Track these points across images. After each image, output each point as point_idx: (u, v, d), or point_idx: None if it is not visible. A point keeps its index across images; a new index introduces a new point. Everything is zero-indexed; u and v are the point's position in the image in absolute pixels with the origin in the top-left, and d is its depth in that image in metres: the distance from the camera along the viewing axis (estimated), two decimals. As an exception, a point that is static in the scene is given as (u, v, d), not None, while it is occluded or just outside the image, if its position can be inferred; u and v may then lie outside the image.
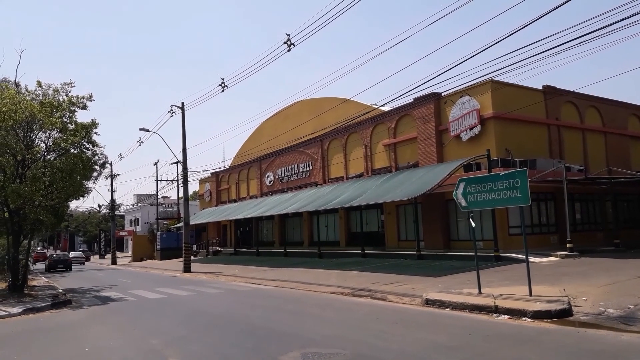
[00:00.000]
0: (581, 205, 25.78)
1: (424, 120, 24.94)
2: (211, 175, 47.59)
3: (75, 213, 79.71)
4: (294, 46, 19.96)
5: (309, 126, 31.18)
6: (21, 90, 19.61)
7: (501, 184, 11.51)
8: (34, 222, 18.98)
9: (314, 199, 28.30)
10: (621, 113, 28.00)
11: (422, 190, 20.34)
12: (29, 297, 17.19)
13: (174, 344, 8.69)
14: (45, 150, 18.71)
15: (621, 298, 10.38)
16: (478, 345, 7.53)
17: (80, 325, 11.75)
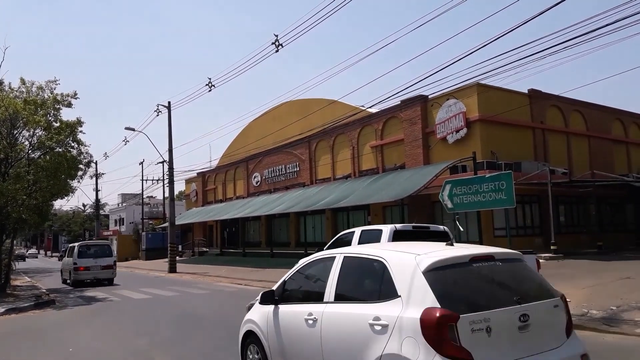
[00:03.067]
0: (565, 208, 26.06)
1: (411, 123, 25.06)
2: (197, 176, 47.33)
3: (60, 212, 78.79)
4: (282, 47, 19.95)
5: (297, 127, 31.14)
6: (4, 87, 19.40)
7: (487, 186, 11.64)
8: (17, 221, 18.75)
9: (301, 200, 28.28)
10: (605, 117, 28.38)
11: (408, 192, 20.42)
12: (11, 297, 16.96)
13: (160, 345, 8.63)
14: (29, 148, 18.50)
15: (604, 299, 10.51)
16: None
17: (64, 325, 11.62)
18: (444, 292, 3.82)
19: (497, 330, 3.73)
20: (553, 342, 4.08)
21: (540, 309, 4.08)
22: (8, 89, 19.26)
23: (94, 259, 22.76)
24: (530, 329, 3.91)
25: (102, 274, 22.83)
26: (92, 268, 22.58)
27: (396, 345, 3.81)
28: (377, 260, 4.48)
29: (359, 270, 4.82)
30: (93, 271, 22.68)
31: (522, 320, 3.85)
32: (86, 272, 22.55)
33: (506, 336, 3.81)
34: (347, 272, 4.84)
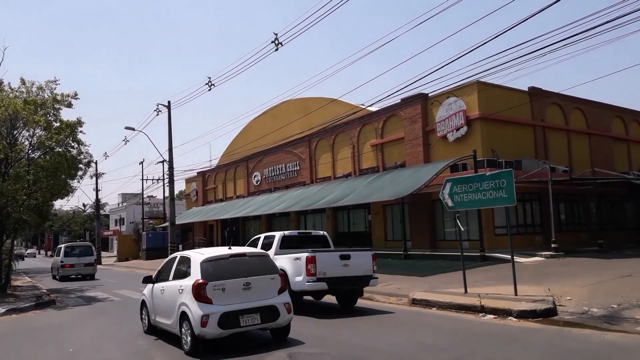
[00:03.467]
0: (566, 206, 26.04)
1: (411, 121, 25.03)
2: (197, 175, 47.30)
3: (60, 212, 78.81)
4: (281, 45, 19.91)
5: (297, 126, 31.12)
6: (4, 87, 19.36)
7: (487, 184, 11.59)
8: (18, 221, 18.72)
9: (302, 199, 28.26)
10: (605, 115, 28.35)
11: (409, 191, 20.40)
12: (12, 298, 16.95)
13: (160, 345, 8.63)
14: (29, 148, 18.48)
15: (605, 298, 10.51)
16: (464, 345, 7.57)
17: (65, 325, 11.62)
18: (206, 272, 7.81)
19: (228, 289, 7.72)
20: (269, 295, 8.02)
21: (260, 279, 8.04)
22: (8, 89, 19.23)
23: (78, 258, 26.34)
24: (252, 289, 7.86)
25: (85, 270, 26.34)
26: (76, 265, 26.16)
27: (185, 297, 7.87)
28: (189, 257, 8.54)
29: (183, 263, 8.69)
30: (77, 268, 26.23)
31: (245, 285, 7.84)
32: (71, 268, 26.14)
33: (234, 292, 7.74)
34: (179, 263, 8.90)
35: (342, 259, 11.31)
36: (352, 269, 11.36)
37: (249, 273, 8.00)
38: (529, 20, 12.37)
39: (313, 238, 14.05)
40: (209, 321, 7.45)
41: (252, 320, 7.75)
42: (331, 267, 11.09)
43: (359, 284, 11.67)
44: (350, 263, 11.34)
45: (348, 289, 11.83)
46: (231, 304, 7.65)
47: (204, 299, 7.56)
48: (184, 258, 8.80)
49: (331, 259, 11.22)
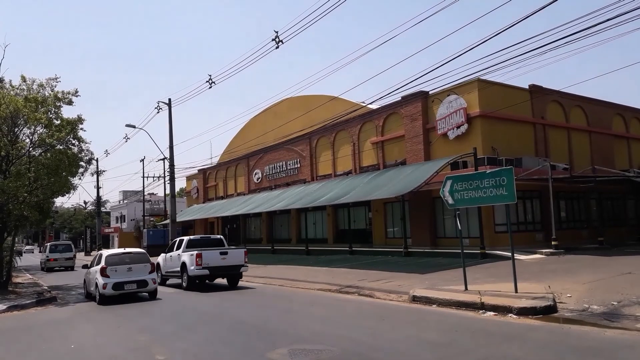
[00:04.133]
0: (566, 204, 26.06)
1: (412, 119, 25.04)
2: (198, 172, 47.33)
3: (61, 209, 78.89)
4: (282, 43, 19.89)
5: (297, 123, 31.13)
6: (5, 85, 19.37)
7: (487, 182, 11.61)
8: (19, 218, 18.75)
9: (302, 197, 28.28)
10: (606, 113, 28.34)
11: (409, 188, 20.42)
12: (13, 294, 17.00)
13: (162, 341, 8.66)
14: (30, 146, 18.51)
15: (605, 295, 10.53)
16: (465, 342, 7.60)
17: (66, 322, 11.66)
18: (108, 261, 14.61)
19: (118, 270, 14.47)
20: (143, 275, 14.69)
21: (138, 265, 14.78)
22: (9, 86, 19.24)
23: (60, 253, 33.32)
24: (133, 270, 14.60)
25: (66, 263, 33.15)
26: (59, 259, 33.06)
27: (97, 274, 14.52)
28: (101, 253, 15.57)
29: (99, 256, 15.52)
30: (59, 261, 32.99)
31: (129, 268, 14.57)
32: (55, 262, 32.89)
33: (122, 271, 14.48)
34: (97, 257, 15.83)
35: (221, 254, 16.89)
36: (228, 261, 16.93)
37: (132, 262, 14.87)
38: (529, 17, 12.37)
39: (212, 241, 19.13)
40: (107, 286, 14.18)
41: (132, 287, 14.47)
42: (213, 260, 16.63)
43: (233, 270, 17.17)
44: (227, 257, 16.93)
45: (225, 274, 17.37)
46: (120, 278, 14.35)
47: (105, 275, 14.35)
48: (100, 254, 15.70)
49: (213, 255, 16.76)
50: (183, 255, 17.35)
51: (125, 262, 14.68)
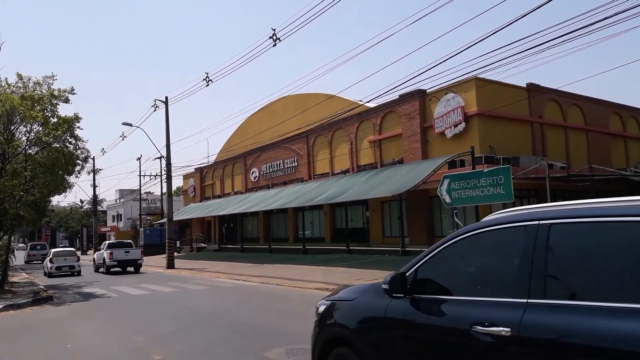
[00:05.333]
0: (563, 202, 26.07)
1: (409, 117, 25.03)
2: (195, 171, 47.26)
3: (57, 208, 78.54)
4: (279, 41, 19.88)
5: (294, 122, 31.09)
6: (1, 83, 19.28)
7: (485, 180, 11.63)
8: (15, 217, 18.67)
9: (299, 195, 28.26)
10: (603, 111, 28.39)
11: (406, 187, 20.41)
12: (9, 294, 16.94)
13: (158, 342, 8.62)
14: (26, 144, 18.42)
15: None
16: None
17: (62, 322, 11.61)
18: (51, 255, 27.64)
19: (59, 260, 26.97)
20: (73, 262, 27.14)
21: (70, 257, 27.34)
22: (5, 84, 19.16)
23: (38, 250, 45.22)
24: (67, 260, 27.10)
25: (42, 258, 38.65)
26: (37, 255, 43.64)
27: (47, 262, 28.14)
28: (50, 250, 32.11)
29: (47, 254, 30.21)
30: (37, 257, 43.04)
31: (64, 259, 27.12)
32: (34, 257, 43.83)
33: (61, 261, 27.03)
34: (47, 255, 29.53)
35: (125, 252, 27.25)
36: (130, 256, 27.31)
37: (67, 255, 27.56)
38: (527, 16, 12.36)
39: (124, 244, 29.04)
40: (52, 269, 26.36)
41: (66, 270, 26.54)
42: (120, 255, 27.07)
43: (133, 263, 27.61)
44: (129, 254, 27.33)
45: (128, 264, 27.62)
46: (59, 264, 26.58)
47: (110, 254, 26.46)
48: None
49: (120, 252, 27.15)
50: (104, 253, 27.46)
51: (64, 255, 27.55)
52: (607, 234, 2.77)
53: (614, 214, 2.77)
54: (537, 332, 2.76)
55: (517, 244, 3.13)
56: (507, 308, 2.95)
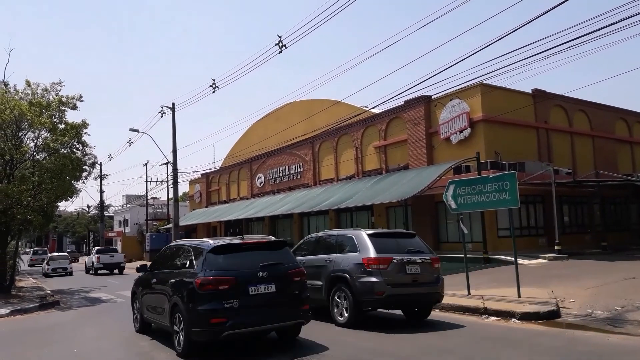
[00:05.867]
0: (569, 208, 26.00)
1: (414, 123, 25.05)
2: (201, 177, 47.39)
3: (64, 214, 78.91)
4: (285, 48, 19.94)
5: (300, 128, 31.16)
6: (10, 89, 19.47)
7: (490, 186, 11.59)
8: (22, 222, 18.82)
9: (305, 201, 28.29)
10: (609, 117, 28.31)
11: (412, 193, 20.40)
12: (16, 298, 17.04)
13: (164, 347, 8.65)
14: (34, 150, 18.58)
15: (608, 300, 10.50)
16: (468, 347, 7.58)
17: (69, 326, 11.67)
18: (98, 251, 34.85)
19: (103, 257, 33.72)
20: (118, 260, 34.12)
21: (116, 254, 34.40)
22: (13, 90, 19.35)
23: (40, 255, 49.83)
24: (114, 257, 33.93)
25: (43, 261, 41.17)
26: (38, 259, 47.85)
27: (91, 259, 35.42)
28: None
29: None
30: (38, 261, 47.15)
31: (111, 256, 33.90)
32: (36, 261, 48.39)
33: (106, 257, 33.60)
34: None
35: (110, 256, 32.99)
36: (114, 260, 32.72)
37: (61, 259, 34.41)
38: (533, 22, 12.39)
39: (111, 249, 34.97)
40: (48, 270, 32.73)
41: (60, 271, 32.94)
42: (105, 259, 32.86)
43: (117, 266, 32.78)
44: (114, 257, 33.22)
45: (113, 267, 32.50)
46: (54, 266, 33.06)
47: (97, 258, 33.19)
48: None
49: (106, 256, 32.82)
50: (93, 257, 33.49)
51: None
52: None
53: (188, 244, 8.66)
54: None
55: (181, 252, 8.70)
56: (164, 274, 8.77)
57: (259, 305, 7.22)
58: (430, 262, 9.77)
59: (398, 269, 9.16)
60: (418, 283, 9.46)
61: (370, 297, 9.15)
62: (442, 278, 9.95)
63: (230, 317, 6.98)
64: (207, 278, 7.11)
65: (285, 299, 7.56)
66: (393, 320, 10.39)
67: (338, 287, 9.65)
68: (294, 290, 7.73)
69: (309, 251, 11.10)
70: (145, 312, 9.34)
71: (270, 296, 7.35)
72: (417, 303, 9.91)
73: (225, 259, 7.46)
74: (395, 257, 9.21)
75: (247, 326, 7.16)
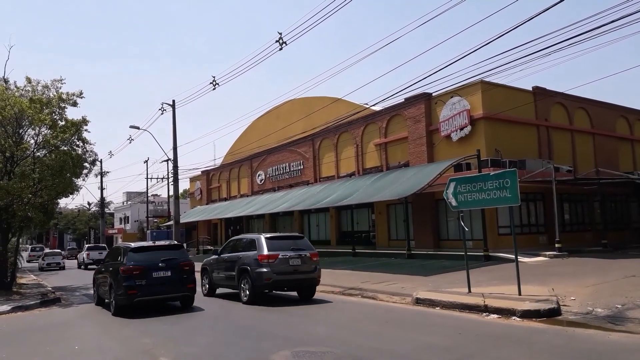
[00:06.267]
0: (570, 206, 26.01)
1: (415, 120, 25.04)
2: (202, 174, 47.43)
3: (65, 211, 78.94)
4: (285, 45, 19.93)
5: (300, 125, 31.17)
6: (10, 86, 19.42)
7: (491, 184, 11.58)
8: (23, 219, 18.80)
9: (305, 198, 28.30)
10: (609, 115, 28.29)
11: (412, 190, 20.41)
12: (17, 295, 17.05)
13: (166, 344, 8.66)
14: (34, 147, 18.55)
15: (609, 298, 10.50)
16: (468, 345, 7.58)
17: (70, 323, 11.69)
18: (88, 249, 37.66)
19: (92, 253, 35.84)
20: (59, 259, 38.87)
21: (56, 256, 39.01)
22: (14, 87, 19.31)
23: (37, 252, 52.12)
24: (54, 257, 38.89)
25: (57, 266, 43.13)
26: (36, 255, 49.56)
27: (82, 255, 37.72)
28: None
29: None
30: (36, 257, 47.52)
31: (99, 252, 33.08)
32: (34, 257, 49.48)
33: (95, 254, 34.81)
34: None
35: (99, 253, 32.77)
36: (103, 256, 23.84)
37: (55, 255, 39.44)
38: (533, 19, 12.37)
39: (100, 247, 36.88)
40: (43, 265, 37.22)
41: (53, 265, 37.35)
42: (95, 255, 33.46)
43: None
44: (102, 254, 28.19)
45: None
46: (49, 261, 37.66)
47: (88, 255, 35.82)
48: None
49: (95, 252, 34.48)
50: (84, 253, 36.39)
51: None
52: None
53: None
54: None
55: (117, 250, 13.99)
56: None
57: (159, 284, 12.00)
58: (310, 257, 13.25)
59: (283, 262, 12.70)
60: (298, 272, 12.96)
61: (262, 282, 12.67)
62: (319, 268, 13.40)
63: (139, 290, 11.74)
64: (128, 266, 11.85)
65: (177, 280, 12.25)
66: (289, 299, 13.81)
67: (243, 275, 13.23)
68: (183, 275, 12.42)
69: (230, 249, 14.71)
70: (99, 290, 14.18)
71: (166, 278, 12.10)
72: (297, 286, 13.51)
73: (139, 255, 12.22)
74: (281, 253, 12.78)
75: (150, 295, 12.00)
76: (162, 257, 12.25)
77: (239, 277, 13.36)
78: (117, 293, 11.81)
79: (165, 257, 12.29)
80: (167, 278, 12.05)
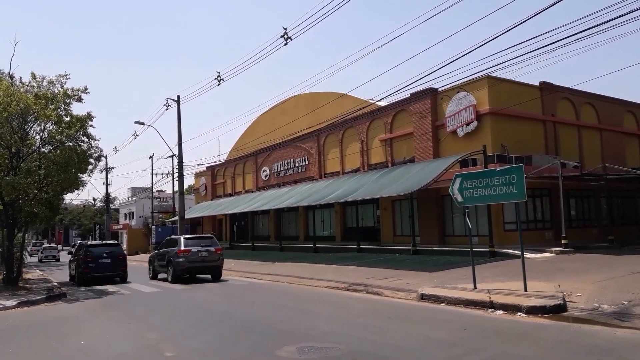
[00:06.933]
0: (576, 202, 25.87)
1: (421, 116, 24.94)
2: (207, 169, 47.47)
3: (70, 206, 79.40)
4: (290, 40, 19.85)
5: (305, 121, 31.11)
6: (15, 82, 19.45)
7: (497, 179, 11.53)
8: (29, 215, 18.89)
9: (310, 194, 28.28)
10: (617, 110, 28.09)
11: (418, 186, 20.35)
12: (23, 290, 17.14)
13: (171, 339, 8.68)
14: (40, 142, 18.59)
15: (615, 294, 10.45)
16: (474, 341, 7.55)
17: (76, 318, 11.73)
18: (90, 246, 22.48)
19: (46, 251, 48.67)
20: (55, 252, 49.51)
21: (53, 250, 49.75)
22: (19, 83, 19.34)
23: (38, 247, 54.59)
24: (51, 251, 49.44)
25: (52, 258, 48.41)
26: (37, 249, 52.19)
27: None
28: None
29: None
30: (36, 250, 51.80)
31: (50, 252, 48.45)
32: (35, 251, 51.32)
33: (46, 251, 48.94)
34: None
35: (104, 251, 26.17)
36: None
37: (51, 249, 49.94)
38: (540, 14, 12.27)
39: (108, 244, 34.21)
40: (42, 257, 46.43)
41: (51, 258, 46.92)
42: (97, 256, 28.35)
43: None
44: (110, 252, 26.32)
45: None
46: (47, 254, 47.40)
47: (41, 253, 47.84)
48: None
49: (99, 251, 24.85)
50: None
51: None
52: None
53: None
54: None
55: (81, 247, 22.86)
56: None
57: (103, 266, 19.92)
58: (214, 251, 19.13)
59: (194, 254, 18.58)
60: (205, 261, 18.87)
61: (179, 268, 18.63)
62: (222, 258, 19.38)
63: (91, 270, 19.72)
64: (85, 256, 19.92)
65: (115, 264, 20.25)
66: (204, 280, 19.47)
67: (169, 263, 19.15)
68: (119, 261, 20.43)
69: (164, 246, 20.66)
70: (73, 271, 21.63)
71: (108, 263, 20.06)
72: (205, 271, 19.39)
73: (93, 249, 20.51)
74: (194, 248, 18.66)
75: (97, 273, 19.83)
76: (106, 250, 20.66)
77: (167, 264, 19.32)
78: (77, 271, 20.30)
79: (109, 250, 20.68)
80: (108, 263, 20.09)
